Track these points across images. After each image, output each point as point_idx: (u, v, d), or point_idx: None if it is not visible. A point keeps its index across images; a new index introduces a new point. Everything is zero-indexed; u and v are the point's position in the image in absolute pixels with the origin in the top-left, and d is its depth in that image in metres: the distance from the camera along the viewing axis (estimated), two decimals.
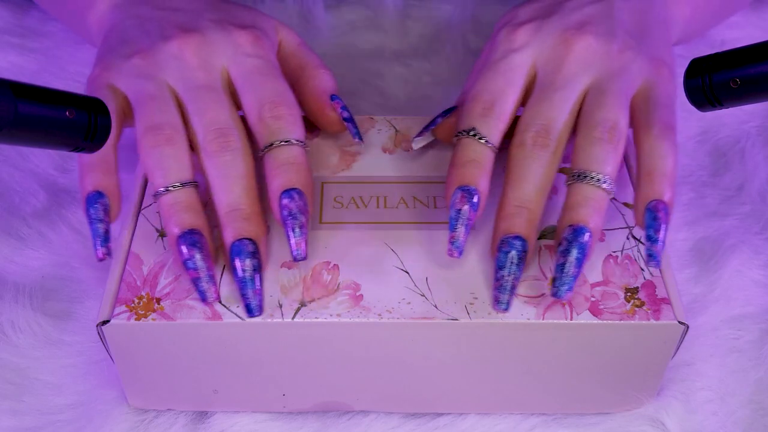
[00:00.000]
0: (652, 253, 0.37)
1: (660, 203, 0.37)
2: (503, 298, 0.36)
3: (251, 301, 0.36)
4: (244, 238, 0.37)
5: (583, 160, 0.38)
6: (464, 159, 0.38)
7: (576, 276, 0.36)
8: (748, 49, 0.33)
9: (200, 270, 0.37)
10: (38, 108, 0.31)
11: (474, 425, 0.40)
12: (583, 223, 0.36)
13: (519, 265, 0.36)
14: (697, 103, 0.36)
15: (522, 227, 0.37)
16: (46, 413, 0.40)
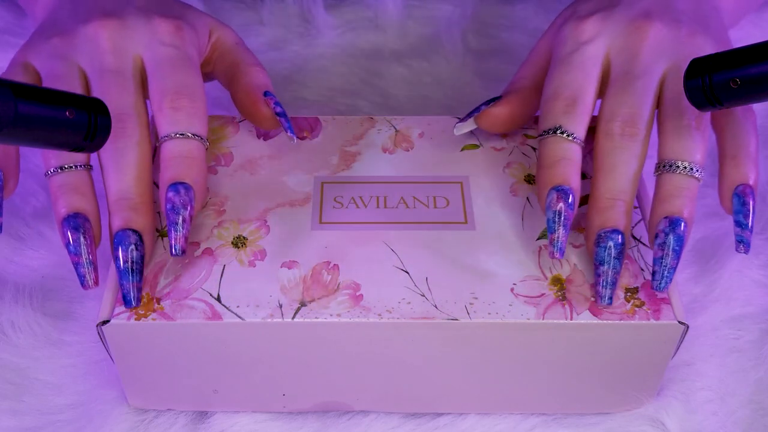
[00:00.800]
0: (743, 240, 0.37)
1: (747, 188, 0.37)
2: (606, 293, 0.36)
3: (128, 293, 0.36)
4: (128, 228, 0.37)
5: (672, 149, 0.37)
6: (554, 158, 0.38)
7: (675, 268, 0.36)
8: (748, 49, 0.33)
9: (81, 255, 0.36)
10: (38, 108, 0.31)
11: (474, 425, 0.40)
12: (678, 214, 0.36)
13: (618, 258, 0.36)
14: (697, 103, 0.36)
15: (618, 220, 0.37)
16: (46, 413, 0.40)
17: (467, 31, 0.62)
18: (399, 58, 0.60)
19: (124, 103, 0.39)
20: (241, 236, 0.39)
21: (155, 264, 0.38)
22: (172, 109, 0.39)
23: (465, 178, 0.43)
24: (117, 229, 0.37)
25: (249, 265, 0.38)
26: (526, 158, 0.44)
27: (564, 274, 0.38)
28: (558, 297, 0.37)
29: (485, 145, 0.44)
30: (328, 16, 0.63)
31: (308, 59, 0.61)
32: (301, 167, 0.43)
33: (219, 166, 0.43)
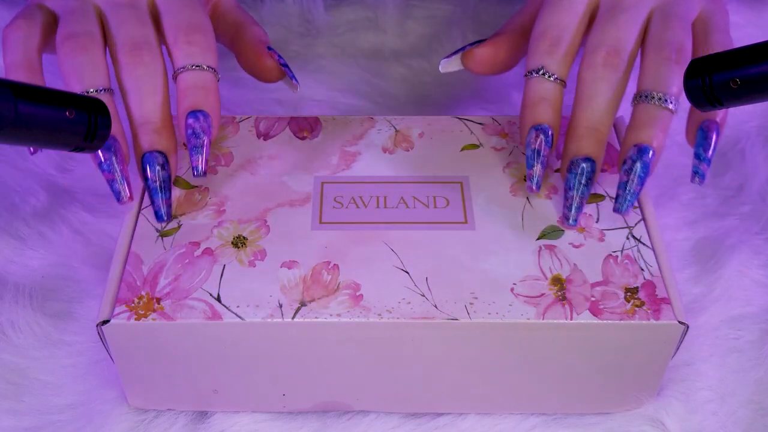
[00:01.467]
0: (699, 171, 0.38)
1: (713, 123, 0.38)
2: (571, 215, 0.39)
3: (160, 209, 0.40)
4: (155, 150, 0.39)
5: (650, 80, 0.38)
6: (535, 98, 0.40)
7: (638, 193, 0.38)
8: (748, 49, 0.33)
9: (114, 172, 0.39)
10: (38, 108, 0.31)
11: (474, 425, 0.40)
12: (647, 142, 0.38)
13: (587, 185, 0.38)
14: (697, 103, 0.36)
15: (591, 148, 0.39)
16: (46, 413, 0.40)
17: (467, 31, 0.62)
18: (399, 58, 0.60)
19: (141, 32, 0.41)
20: (241, 236, 0.40)
21: (155, 264, 0.38)
22: (186, 43, 0.41)
23: (465, 178, 0.43)
24: (144, 152, 0.39)
25: (249, 265, 0.38)
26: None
27: (564, 274, 0.38)
28: (558, 297, 0.37)
29: (485, 145, 0.44)
30: (328, 16, 0.63)
31: (308, 59, 0.61)
32: (301, 167, 0.43)
33: (219, 166, 0.43)
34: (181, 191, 0.42)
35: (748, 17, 0.63)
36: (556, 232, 0.40)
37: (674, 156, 0.53)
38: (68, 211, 0.49)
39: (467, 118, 0.46)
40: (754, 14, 0.64)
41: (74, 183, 0.51)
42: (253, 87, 0.58)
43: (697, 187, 0.51)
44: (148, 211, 0.41)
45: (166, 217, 0.40)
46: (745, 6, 0.64)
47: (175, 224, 0.40)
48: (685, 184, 0.51)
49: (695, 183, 0.39)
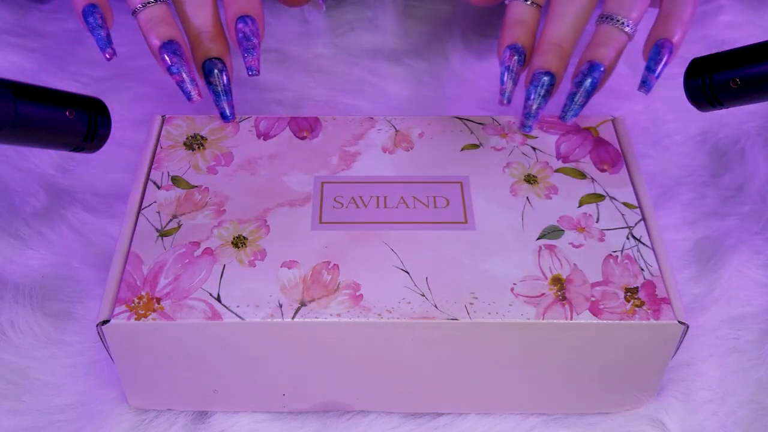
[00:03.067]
0: (647, 80, 0.41)
1: (668, 41, 0.41)
2: (528, 122, 0.42)
3: (225, 110, 0.43)
4: (214, 57, 0.43)
5: (613, 5, 0.42)
6: (513, 20, 0.43)
7: (583, 105, 0.41)
8: (748, 49, 0.33)
9: (183, 73, 0.42)
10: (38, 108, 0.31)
11: (474, 425, 0.40)
12: (599, 60, 0.41)
13: (545, 96, 0.41)
14: (697, 103, 0.36)
15: (553, 63, 0.41)
16: (46, 413, 0.40)
17: (467, 31, 0.62)
18: (399, 58, 0.60)
19: None
20: (241, 236, 0.40)
21: (155, 264, 0.38)
22: None
23: (465, 178, 0.43)
24: (204, 59, 0.43)
25: (249, 265, 0.38)
26: (526, 158, 0.44)
27: (564, 274, 0.38)
28: (558, 297, 0.37)
29: (485, 145, 0.44)
30: (328, 16, 0.63)
31: (308, 59, 0.61)
32: (301, 167, 0.43)
33: (219, 166, 0.43)
34: (181, 191, 0.42)
35: (748, 17, 0.63)
36: (556, 232, 0.40)
37: (674, 156, 0.54)
38: (68, 211, 0.49)
39: (467, 118, 0.46)
40: (754, 14, 0.64)
41: (74, 183, 0.51)
42: (253, 87, 0.58)
43: (697, 187, 0.51)
44: (148, 210, 0.41)
45: (231, 116, 0.43)
46: (745, 6, 0.64)
47: (175, 224, 0.40)
48: (685, 184, 0.51)
49: (641, 92, 0.41)
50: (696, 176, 0.52)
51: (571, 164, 0.43)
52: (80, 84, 0.59)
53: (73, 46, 0.61)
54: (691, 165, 0.53)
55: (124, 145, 0.53)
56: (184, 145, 0.44)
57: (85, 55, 0.61)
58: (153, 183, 0.42)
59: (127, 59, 0.60)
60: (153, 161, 0.43)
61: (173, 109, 0.56)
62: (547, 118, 0.46)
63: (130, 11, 0.43)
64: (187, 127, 0.45)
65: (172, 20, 0.43)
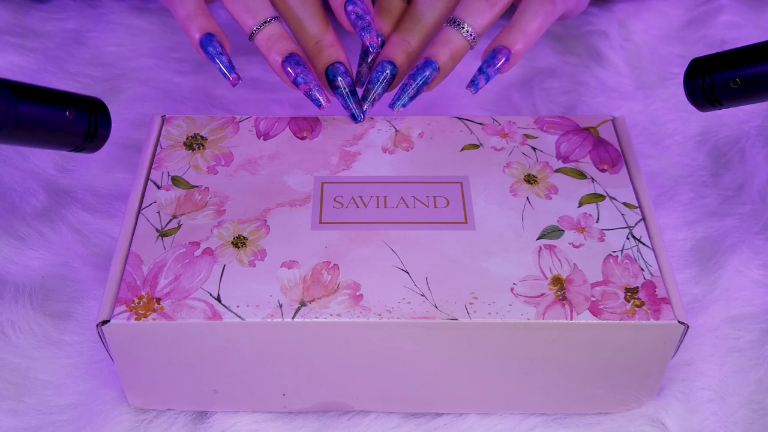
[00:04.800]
0: (475, 80, 0.43)
1: (505, 48, 0.43)
2: (365, 105, 0.44)
3: (354, 111, 0.44)
4: (336, 62, 0.44)
5: (460, 10, 0.44)
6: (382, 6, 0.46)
7: (413, 97, 0.43)
8: (748, 49, 0.33)
9: (310, 82, 0.43)
10: (38, 108, 0.31)
11: (474, 425, 0.40)
12: (434, 58, 0.43)
13: (383, 83, 0.44)
14: (697, 103, 0.36)
15: (397, 56, 0.44)
16: (46, 413, 0.40)
17: None
18: None
19: None
20: (241, 236, 0.40)
21: (155, 264, 0.38)
22: None
23: (465, 178, 0.43)
24: (327, 65, 0.44)
25: (249, 265, 0.38)
26: (526, 158, 0.44)
27: (564, 274, 0.38)
28: (558, 297, 0.37)
29: (485, 145, 0.44)
30: (329, 16, 0.63)
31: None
32: (301, 167, 0.43)
33: (219, 166, 0.43)
34: (181, 191, 0.42)
35: (748, 17, 0.63)
36: (556, 232, 0.40)
37: (674, 156, 0.54)
38: (68, 211, 0.49)
39: (467, 118, 0.46)
40: (754, 14, 0.64)
41: (74, 183, 0.51)
42: (253, 87, 0.58)
43: (697, 187, 0.51)
44: (148, 210, 0.41)
45: (362, 116, 0.44)
46: (745, 6, 0.64)
47: (175, 224, 0.40)
48: (685, 184, 0.51)
49: (469, 89, 0.43)
50: (696, 176, 0.52)
51: (571, 164, 0.43)
52: (80, 84, 0.59)
53: (73, 46, 0.61)
54: (691, 165, 0.53)
55: (124, 145, 0.53)
56: (184, 145, 0.44)
57: (85, 55, 0.61)
58: (153, 183, 0.42)
59: (127, 59, 0.60)
60: (153, 161, 0.43)
61: (173, 109, 0.56)
62: (546, 119, 0.46)
63: (247, 35, 0.44)
64: (187, 127, 0.45)
65: (289, 36, 0.44)
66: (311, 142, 0.45)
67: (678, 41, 0.62)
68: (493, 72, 0.43)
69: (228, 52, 0.44)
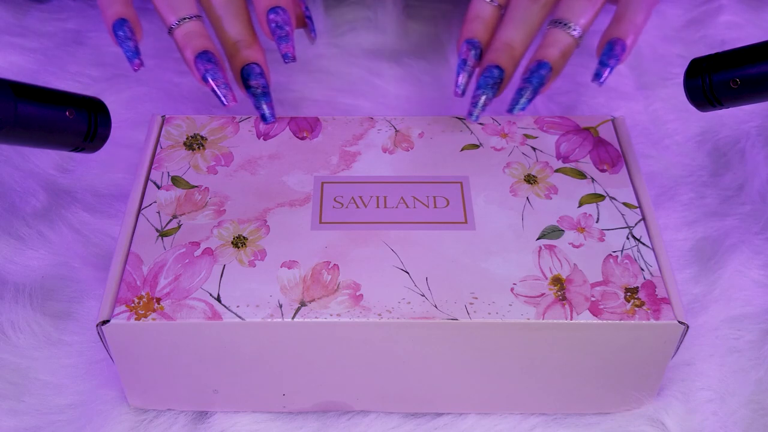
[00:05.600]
0: (599, 73, 0.43)
1: (620, 41, 0.43)
2: (475, 111, 0.44)
3: (265, 111, 0.45)
4: (252, 62, 0.44)
5: (562, 10, 0.44)
6: (472, 16, 0.46)
7: (530, 100, 0.43)
8: (748, 49, 0.33)
9: (217, 80, 0.43)
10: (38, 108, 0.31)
11: (474, 425, 0.40)
12: (547, 59, 0.43)
13: (493, 88, 0.44)
14: (697, 103, 0.36)
15: (504, 61, 0.44)
16: (46, 413, 0.40)
17: None
18: (399, 58, 0.60)
19: None
20: (241, 236, 0.40)
21: (155, 264, 0.38)
22: None
23: (465, 178, 0.43)
24: (242, 65, 0.44)
25: (249, 265, 0.38)
26: (526, 158, 0.44)
27: (564, 274, 0.38)
28: (558, 297, 0.37)
29: (485, 145, 0.44)
30: (328, 16, 0.63)
31: (308, 59, 0.61)
32: (301, 167, 0.43)
33: (219, 166, 0.43)
34: (181, 191, 0.42)
35: (748, 17, 0.63)
36: (556, 232, 0.40)
37: (674, 156, 0.54)
38: (68, 211, 0.49)
39: None
40: (754, 14, 0.64)
41: (74, 183, 0.51)
42: None
43: (697, 187, 0.51)
44: (148, 210, 0.41)
45: (271, 117, 0.45)
46: (745, 6, 0.64)
47: (175, 224, 0.40)
48: (685, 184, 0.51)
49: (594, 82, 0.43)
50: (696, 176, 0.52)
51: (571, 164, 0.43)
52: (80, 84, 0.59)
53: (73, 46, 0.61)
54: (691, 165, 0.53)
55: (124, 145, 0.53)
56: (184, 145, 0.44)
57: (85, 55, 0.61)
58: (153, 183, 0.42)
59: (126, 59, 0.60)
60: (153, 161, 0.43)
61: (173, 109, 0.56)
62: (546, 119, 0.46)
63: (167, 30, 0.45)
64: (187, 127, 0.45)
65: (206, 34, 0.45)
66: (311, 142, 0.45)
67: (678, 41, 0.62)
68: (614, 62, 0.43)
69: (137, 39, 0.44)
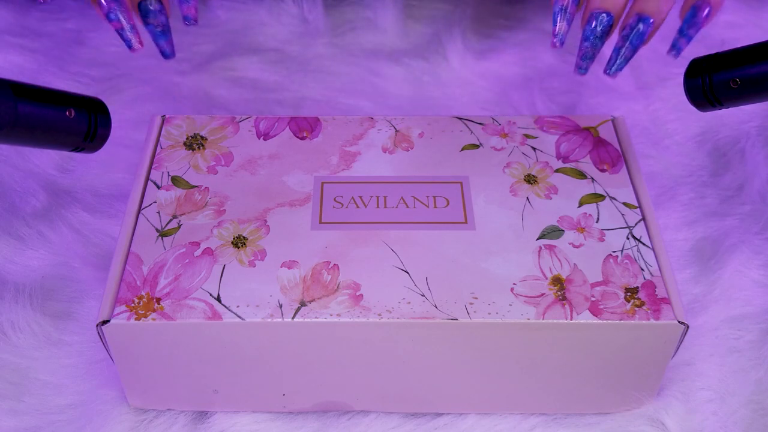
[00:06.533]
0: (677, 45, 0.40)
1: (706, 3, 0.39)
2: (584, 64, 0.40)
3: (165, 48, 0.41)
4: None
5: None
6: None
7: (629, 59, 0.40)
8: (748, 49, 0.33)
9: (122, 21, 0.40)
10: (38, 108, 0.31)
11: (474, 425, 0.40)
12: (648, 13, 0.39)
13: (602, 37, 0.40)
14: (697, 103, 0.36)
15: (612, 4, 0.40)
16: (46, 413, 0.40)
17: (467, 31, 0.62)
18: (399, 58, 0.60)
19: None
20: (241, 236, 0.40)
21: (155, 264, 0.38)
22: None
23: (465, 178, 0.43)
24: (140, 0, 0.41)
25: (249, 265, 0.38)
26: (526, 158, 0.44)
27: (564, 274, 0.38)
28: (558, 297, 0.37)
29: (485, 145, 0.44)
30: (328, 16, 0.63)
31: (308, 59, 0.61)
32: (301, 167, 0.43)
33: (219, 166, 0.43)
34: (181, 191, 0.42)
35: (748, 17, 0.63)
36: (556, 232, 0.40)
37: (674, 156, 0.54)
38: (68, 211, 0.49)
39: (467, 118, 0.46)
40: (754, 14, 0.64)
41: (74, 183, 0.51)
42: (253, 87, 0.58)
43: (697, 187, 0.51)
44: (148, 210, 0.41)
45: (171, 54, 0.42)
46: (745, 6, 0.64)
47: (175, 224, 0.40)
48: (685, 184, 0.51)
49: (671, 56, 0.40)
50: (696, 176, 0.52)
51: (571, 164, 0.43)
52: (80, 84, 0.59)
53: (73, 46, 0.61)
54: (691, 165, 0.53)
55: (124, 145, 0.53)
56: (184, 145, 0.44)
57: (85, 55, 0.61)
58: (153, 183, 0.42)
59: (127, 59, 0.60)
60: (153, 161, 0.43)
61: (173, 109, 0.56)
62: (546, 118, 0.46)
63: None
64: (187, 127, 0.45)
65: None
66: (311, 142, 0.45)
67: None
68: (694, 31, 0.40)
69: None
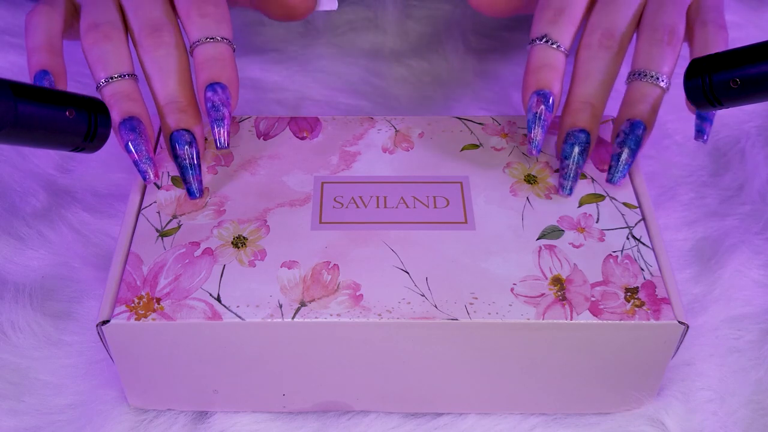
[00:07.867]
0: (702, 129, 0.40)
1: None
2: (567, 184, 0.41)
3: (192, 185, 0.41)
4: (182, 128, 0.40)
5: (643, 60, 0.41)
6: (538, 64, 0.41)
7: (629, 165, 0.40)
8: (748, 49, 0.33)
9: (139, 152, 0.40)
10: (38, 108, 0.31)
11: (474, 425, 0.40)
12: (639, 118, 0.40)
13: (582, 155, 0.40)
14: (697, 103, 0.36)
15: (586, 121, 0.40)
16: (46, 413, 0.40)
17: (467, 31, 0.62)
18: (399, 58, 0.60)
19: (157, 13, 0.42)
20: (241, 236, 0.40)
21: (155, 264, 0.38)
22: (199, 16, 0.41)
23: (465, 178, 0.43)
24: (172, 130, 0.40)
25: (249, 265, 0.38)
26: (526, 158, 0.44)
27: (564, 274, 0.38)
28: (558, 297, 0.37)
29: (485, 145, 0.44)
30: (328, 16, 0.63)
31: (308, 59, 0.61)
32: (301, 167, 0.43)
33: (219, 166, 0.43)
34: (181, 191, 0.42)
35: (748, 17, 0.63)
36: (556, 232, 0.40)
37: (674, 156, 0.54)
38: (68, 211, 0.49)
39: (467, 118, 0.46)
40: (754, 14, 0.64)
41: (74, 183, 0.51)
42: (253, 87, 0.58)
43: (697, 187, 0.51)
44: (148, 210, 0.41)
45: (198, 193, 0.41)
46: (745, 6, 0.64)
47: (175, 224, 0.40)
48: (685, 184, 0.51)
49: (699, 141, 0.40)
50: (696, 176, 0.52)
51: None
52: (80, 84, 0.59)
53: (73, 46, 0.61)
54: (691, 165, 0.53)
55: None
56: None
57: None
58: (153, 183, 0.42)
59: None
60: None
61: None
62: None
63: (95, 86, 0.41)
64: None
65: (136, 96, 0.41)
66: (311, 142, 0.45)
67: None
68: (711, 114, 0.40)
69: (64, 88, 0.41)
